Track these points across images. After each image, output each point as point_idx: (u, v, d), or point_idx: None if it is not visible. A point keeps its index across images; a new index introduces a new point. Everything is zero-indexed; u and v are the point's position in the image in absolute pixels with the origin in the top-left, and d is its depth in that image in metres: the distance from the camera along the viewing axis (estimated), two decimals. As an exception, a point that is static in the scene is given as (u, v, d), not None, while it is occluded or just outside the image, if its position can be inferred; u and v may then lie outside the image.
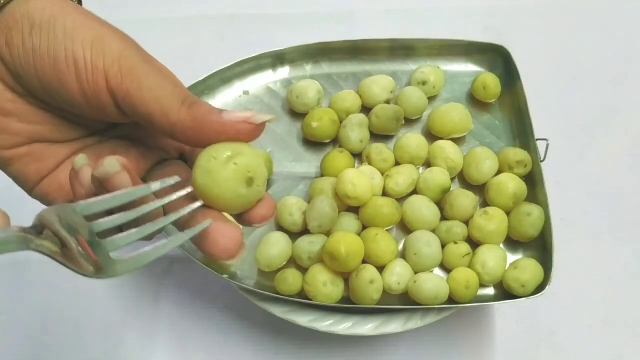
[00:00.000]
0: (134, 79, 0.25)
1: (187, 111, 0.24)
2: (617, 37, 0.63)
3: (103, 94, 0.25)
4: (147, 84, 0.25)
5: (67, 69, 0.25)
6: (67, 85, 0.25)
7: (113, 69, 0.25)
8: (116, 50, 0.25)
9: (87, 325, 0.51)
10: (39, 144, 0.27)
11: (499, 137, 0.50)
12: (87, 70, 0.25)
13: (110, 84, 0.25)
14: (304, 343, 0.49)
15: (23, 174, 0.28)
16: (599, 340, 0.49)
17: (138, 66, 0.25)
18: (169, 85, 0.25)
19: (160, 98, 0.25)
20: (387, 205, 0.45)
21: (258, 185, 0.25)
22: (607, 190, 0.55)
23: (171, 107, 0.25)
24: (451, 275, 0.44)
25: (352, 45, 0.53)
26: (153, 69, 0.25)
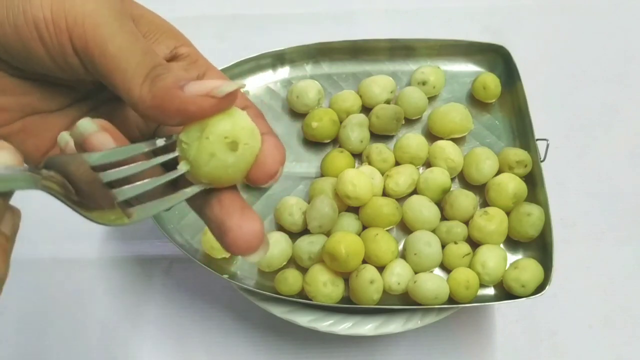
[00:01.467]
0: (98, 43, 0.22)
1: (148, 87, 0.22)
2: (617, 37, 0.63)
3: (70, 56, 0.23)
4: (112, 50, 0.22)
5: (29, 34, 0.23)
6: (33, 50, 0.23)
7: (76, 29, 0.22)
8: (79, 5, 0.22)
9: (87, 325, 0.51)
10: (32, 117, 0.26)
11: (499, 137, 0.50)
12: (50, 32, 0.22)
13: (75, 45, 0.23)
14: (304, 343, 0.49)
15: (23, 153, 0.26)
16: (599, 340, 0.49)
17: (104, 26, 0.22)
18: (136, 52, 0.23)
19: (123, 70, 0.22)
20: (387, 205, 0.45)
21: (246, 143, 0.23)
22: (607, 190, 0.55)
23: (133, 81, 0.22)
24: (451, 275, 0.44)
25: (352, 45, 0.53)
26: (123, 29, 0.23)
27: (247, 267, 0.46)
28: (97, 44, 0.22)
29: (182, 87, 0.22)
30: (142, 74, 0.22)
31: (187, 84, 0.22)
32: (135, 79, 0.22)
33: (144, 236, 0.53)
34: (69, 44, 0.23)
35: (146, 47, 0.23)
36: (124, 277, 0.52)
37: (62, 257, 0.52)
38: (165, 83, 0.22)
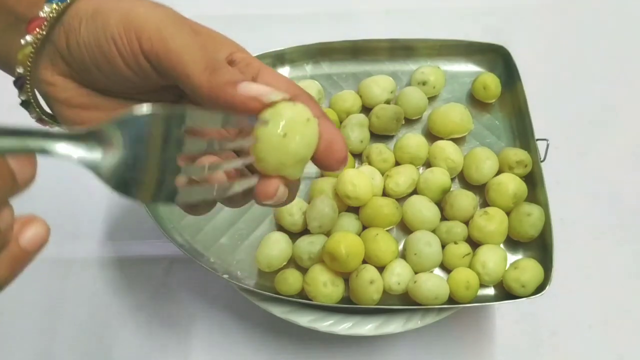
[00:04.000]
0: (161, 42, 0.26)
1: (207, 77, 0.26)
2: (617, 37, 0.63)
3: (141, 60, 0.27)
4: (174, 46, 0.26)
5: (109, 49, 0.27)
6: (114, 62, 0.27)
7: (143, 36, 0.26)
8: (142, 17, 0.27)
9: (87, 325, 0.51)
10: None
11: (499, 137, 0.50)
12: (124, 43, 0.26)
13: (144, 48, 0.26)
14: (304, 343, 0.49)
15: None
16: (599, 340, 0.49)
17: (165, 28, 0.26)
18: (195, 47, 0.26)
19: (185, 61, 0.26)
20: (387, 205, 0.45)
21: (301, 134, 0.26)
22: (607, 190, 0.55)
23: (194, 71, 0.26)
24: (451, 276, 0.44)
25: (352, 45, 0.53)
26: (182, 30, 0.27)
27: (247, 267, 0.46)
28: (161, 44, 0.26)
29: (236, 85, 0.26)
30: (203, 64, 0.26)
31: (241, 84, 0.26)
32: (196, 68, 0.26)
33: (144, 236, 0.53)
34: (139, 48, 0.26)
35: (203, 43, 0.27)
36: (124, 277, 0.52)
37: (62, 257, 0.52)
38: (223, 78, 0.26)
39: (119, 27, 0.27)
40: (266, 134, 0.25)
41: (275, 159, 0.26)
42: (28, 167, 0.20)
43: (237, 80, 0.26)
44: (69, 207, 0.52)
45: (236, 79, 0.26)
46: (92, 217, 0.54)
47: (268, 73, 0.29)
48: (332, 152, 0.27)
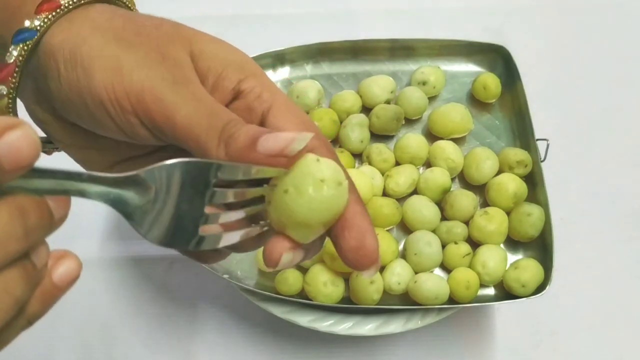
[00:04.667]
0: (164, 116, 0.23)
1: (224, 150, 0.23)
2: (618, 37, 0.63)
3: (139, 129, 0.24)
4: (180, 121, 0.23)
5: (98, 112, 0.24)
6: (105, 124, 0.24)
7: (140, 106, 0.23)
8: (137, 82, 0.23)
9: (87, 325, 0.51)
10: (123, 162, 0.27)
11: (499, 137, 0.50)
12: (116, 111, 0.23)
13: (143, 120, 0.23)
14: (304, 343, 0.49)
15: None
16: (599, 340, 0.49)
17: (166, 98, 0.23)
18: (203, 116, 0.23)
19: (196, 136, 0.23)
20: (387, 205, 0.45)
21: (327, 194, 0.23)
22: (607, 190, 0.55)
23: (208, 146, 0.23)
24: (451, 275, 0.44)
25: (352, 45, 0.53)
26: (185, 97, 0.23)
27: (247, 267, 0.46)
28: (164, 118, 0.23)
29: (255, 146, 0.22)
30: (215, 137, 0.23)
31: (259, 143, 0.22)
32: (209, 144, 0.23)
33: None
34: (137, 120, 0.23)
35: (211, 107, 0.23)
36: (124, 277, 0.52)
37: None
38: (239, 144, 0.22)
39: (109, 93, 0.23)
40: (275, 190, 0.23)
41: (277, 215, 0.23)
42: (63, 205, 0.20)
43: (255, 140, 0.22)
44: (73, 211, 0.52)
45: (253, 138, 0.22)
46: (92, 217, 0.54)
47: (281, 109, 0.25)
48: (362, 257, 0.24)
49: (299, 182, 0.23)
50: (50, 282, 0.21)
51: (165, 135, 0.24)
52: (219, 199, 0.23)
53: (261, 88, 0.26)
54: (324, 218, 0.23)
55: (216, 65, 0.25)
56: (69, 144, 0.26)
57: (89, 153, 0.27)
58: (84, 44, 0.24)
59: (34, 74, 0.25)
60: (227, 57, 0.26)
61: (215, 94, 0.25)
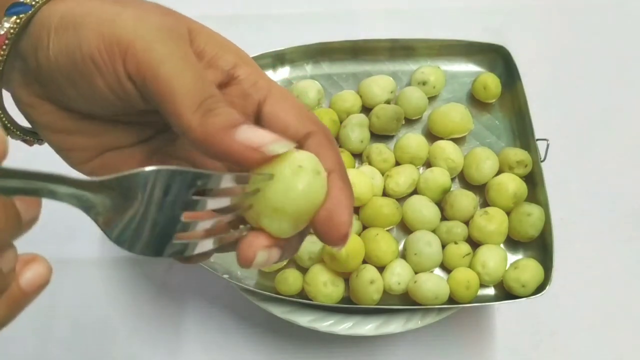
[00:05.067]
0: (149, 66, 0.22)
1: (199, 119, 0.21)
2: (617, 37, 0.63)
3: (125, 82, 0.23)
4: (163, 74, 0.22)
5: (86, 68, 0.23)
6: (93, 83, 0.23)
7: (128, 53, 0.22)
8: (129, 29, 0.22)
9: (87, 326, 0.51)
10: (110, 152, 0.26)
11: (499, 137, 0.50)
12: (104, 60, 0.22)
13: (128, 69, 0.22)
14: (304, 343, 0.49)
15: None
16: (599, 340, 0.49)
17: (155, 49, 0.22)
18: (189, 76, 0.22)
19: (175, 94, 0.22)
20: (387, 205, 0.45)
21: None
22: (607, 190, 0.55)
23: (184, 109, 0.22)
24: (451, 275, 0.44)
25: (352, 45, 0.53)
26: (174, 53, 0.22)
27: (247, 267, 0.46)
28: (148, 67, 0.22)
29: (233, 131, 0.21)
30: (195, 102, 0.22)
31: (239, 129, 0.21)
32: (186, 106, 0.22)
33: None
34: (123, 69, 0.22)
35: (199, 73, 0.22)
36: (124, 277, 0.52)
37: (62, 257, 0.52)
38: (218, 121, 0.21)
39: (99, 42, 0.22)
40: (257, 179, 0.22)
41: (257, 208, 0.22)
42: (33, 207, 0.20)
43: (235, 124, 0.21)
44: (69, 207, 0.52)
45: (234, 122, 0.21)
46: (92, 217, 0.54)
47: (278, 98, 0.25)
48: (332, 224, 0.23)
49: (277, 168, 0.22)
50: (17, 287, 0.20)
51: (147, 89, 0.22)
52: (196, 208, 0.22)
53: (256, 76, 0.25)
54: (301, 206, 0.22)
55: (212, 45, 0.25)
56: (55, 129, 0.25)
57: (75, 140, 0.26)
58: (78, 6, 0.23)
59: (23, 52, 0.24)
60: (223, 40, 0.26)
61: (208, 71, 0.24)
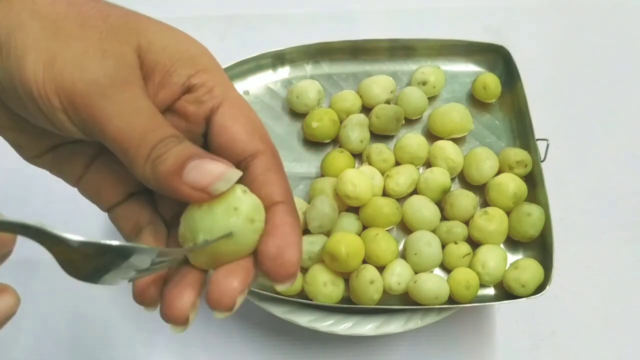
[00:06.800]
0: (95, 122, 0.22)
1: (150, 169, 0.22)
2: (618, 37, 0.63)
3: (69, 126, 0.23)
4: (110, 131, 0.22)
5: (29, 104, 0.22)
6: (35, 115, 0.23)
7: (70, 107, 0.22)
8: (69, 82, 0.22)
9: (87, 325, 0.51)
10: (61, 147, 0.26)
11: (499, 137, 0.50)
12: (46, 107, 0.22)
13: (72, 120, 0.22)
14: (304, 343, 0.49)
15: (62, 176, 0.27)
16: (599, 340, 0.49)
17: (97, 105, 0.22)
18: (136, 129, 0.22)
19: (125, 149, 0.22)
20: (387, 205, 0.45)
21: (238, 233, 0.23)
22: (607, 190, 0.55)
23: (136, 161, 0.22)
24: (451, 275, 0.44)
25: (352, 45, 0.53)
26: (118, 105, 0.22)
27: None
28: (94, 124, 0.22)
29: (181, 173, 0.22)
30: (144, 154, 0.22)
31: (186, 169, 0.22)
32: (137, 159, 0.22)
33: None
34: (66, 117, 0.22)
35: (147, 122, 0.22)
36: (124, 277, 0.52)
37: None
38: (166, 168, 0.22)
39: (39, 83, 0.22)
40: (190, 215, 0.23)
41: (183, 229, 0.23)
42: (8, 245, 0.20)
43: (183, 165, 0.22)
44: (69, 207, 0.52)
45: (180, 163, 0.22)
46: (92, 216, 0.54)
47: (231, 107, 0.24)
48: (282, 262, 0.22)
49: (215, 201, 0.22)
50: None
51: (95, 138, 0.23)
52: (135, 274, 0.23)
53: (213, 83, 0.24)
54: (221, 247, 0.23)
55: (165, 60, 0.24)
56: (5, 127, 0.25)
57: (24, 137, 0.25)
58: (20, 30, 0.22)
59: None
60: (178, 49, 0.24)
61: (163, 90, 0.24)
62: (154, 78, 0.24)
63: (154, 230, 0.26)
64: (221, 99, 0.24)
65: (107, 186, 0.27)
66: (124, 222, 0.26)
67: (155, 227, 0.26)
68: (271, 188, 0.23)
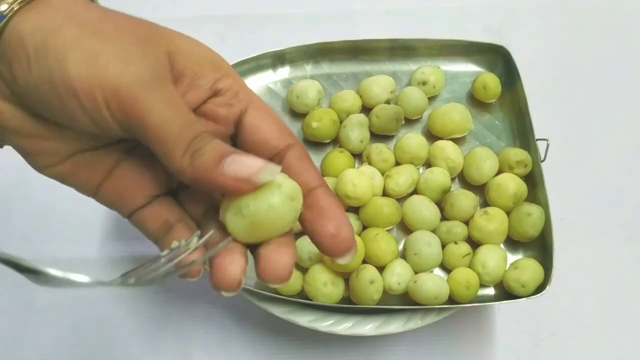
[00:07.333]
0: (136, 116, 0.23)
1: (188, 161, 0.23)
2: (617, 37, 0.63)
3: (110, 123, 0.23)
4: (151, 123, 0.23)
5: (70, 103, 0.23)
6: (76, 116, 0.23)
7: (114, 101, 0.22)
8: (114, 77, 0.22)
9: (86, 325, 0.51)
10: (81, 154, 0.26)
11: (499, 137, 0.50)
12: (89, 104, 0.23)
13: (114, 116, 0.23)
14: (304, 343, 0.49)
15: (79, 185, 0.27)
16: (599, 340, 0.49)
17: (141, 98, 0.23)
18: (175, 123, 0.23)
19: (164, 141, 0.23)
20: (387, 205, 0.45)
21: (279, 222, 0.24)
22: (607, 190, 0.55)
23: (174, 153, 0.23)
24: (451, 275, 0.44)
25: (352, 45, 0.53)
26: (161, 100, 0.23)
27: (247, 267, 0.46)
28: (136, 117, 0.23)
29: (220, 165, 0.23)
30: (183, 147, 0.23)
31: (226, 161, 0.23)
32: (175, 151, 0.23)
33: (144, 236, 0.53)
34: (108, 113, 0.23)
35: (185, 117, 0.24)
36: (124, 277, 0.52)
37: (62, 257, 0.52)
38: (205, 160, 0.23)
39: (83, 81, 0.22)
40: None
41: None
42: None
43: (221, 158, 0.23)
44: (69, 207, 0.52)
45: (219, 157, 0.23)
46: (92, 217, 0.54)
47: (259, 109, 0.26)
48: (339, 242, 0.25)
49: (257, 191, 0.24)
50: None
51: (134, 134, 0.23)
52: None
53: (237, 87, 0.26)
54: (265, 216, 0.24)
55: (192, 64, 0.26)
56: (23, 134, 0.25)
57: (45, 144, 0.26)
58: (58, 33, 0.22)
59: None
60: (203, 55, 0.26)
61: (192, 92, 0.26)
62: (182, 80, 0.25)
63: (187, 225, 0.26)
64: (247, 102, 0.26)
65: (132, 189, 0.27)
66: (152, 222, 0.27)
67: (187, 222, 0.27)
68: (307, 175, 0.25)
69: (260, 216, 0.24)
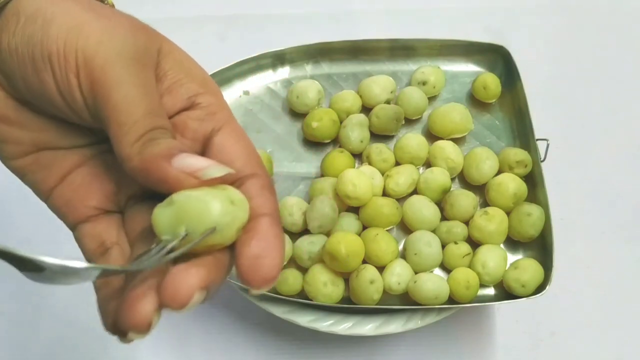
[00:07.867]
0: (103, 86, 0.22)
1: (139, 148, 0.21)
2: (618, 36, 0.63)
3: (76, 93, 0.22)
4: (115, 98, 0.21)
5: (43, 66, 0.22)
6: (46, 83, 0.22)
7: (85, 67, 0.22)
8: (92, 45, 0.22)
9: (86, 325, 0.51)
10: (45, 151, 0.26)
11: (499, 137, 0.50)
12: (60, 66, 0.22)
13: (81, 84, 0.22)
14: (304, 343, 0.49)
15: (34, 184, 0.26)
16: (599, 340, 0.49)
17: (113, 70, 0.22)
18: (140, 107, 0.22)
19: (121, 122, 0.22)
20: (387, 205, 0.45)
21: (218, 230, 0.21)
22: (607, 190, 0.55)
23: (126, 137, 0.22)
24: (451, 275, 0.44)
25: (352, 45, 0.53)
26: (133, 78, 0.22)
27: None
28: (102, 88, 0.22)
29: (170, 159, 0.21)
30: (138, 133, 0.22)
31: (177, 157, 0.21)
32: (129, 135, 0.22)
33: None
34: (76, 81, 0.22)
35: (152, 105, 0.22)
36: (124, 277, 0.52)
37: (62, 257, 0.52)
38: (156, 150, 0.21)
39: (60, 43, 0.22)
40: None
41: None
42: None
43: (173, 153, 0.21)
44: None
45: (172, 150, 0.22)
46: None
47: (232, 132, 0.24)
48: (259, 266, 0.21)
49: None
50: None
51: (96, 108, 0.22)
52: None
53: (217, 107, 0.25)
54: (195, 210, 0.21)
55: (179, 71, 0.25)
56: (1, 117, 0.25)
57: (13, 132, 0.25)
58: (55, 5, 0.22)
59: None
60: (192, 67, 0.25)
61: (168, 96, 0.25)
62: (163, 81, 0.24)
63: (121, 250, 0.25)
64: (223, 124, 0.25)
65: (78, 197, 0.26)
66: (89, 241, 0.26)
67: (121, 247, 0.25)
68: (262, 201, 0.23)
69: (189, 205, 0.21)
